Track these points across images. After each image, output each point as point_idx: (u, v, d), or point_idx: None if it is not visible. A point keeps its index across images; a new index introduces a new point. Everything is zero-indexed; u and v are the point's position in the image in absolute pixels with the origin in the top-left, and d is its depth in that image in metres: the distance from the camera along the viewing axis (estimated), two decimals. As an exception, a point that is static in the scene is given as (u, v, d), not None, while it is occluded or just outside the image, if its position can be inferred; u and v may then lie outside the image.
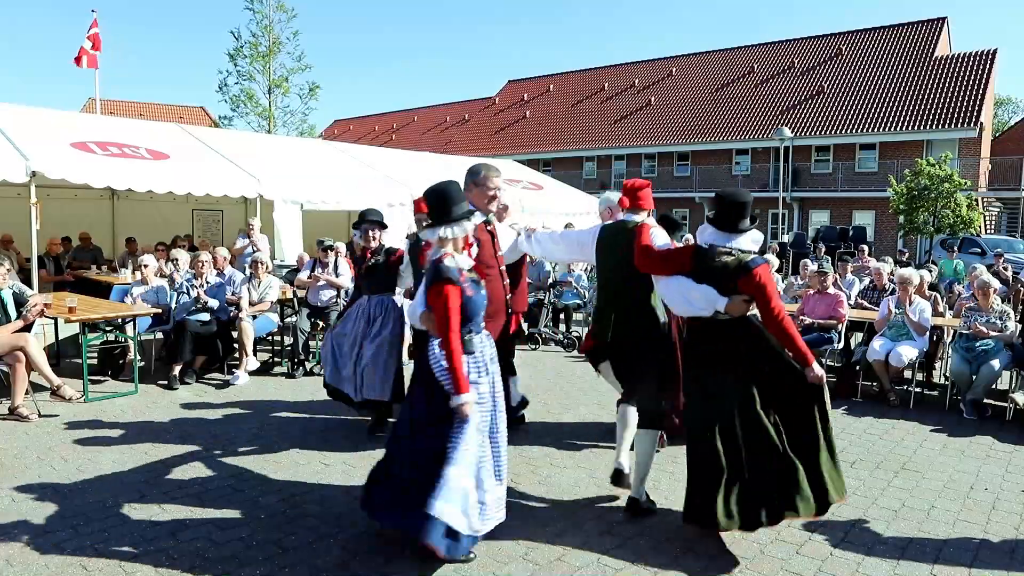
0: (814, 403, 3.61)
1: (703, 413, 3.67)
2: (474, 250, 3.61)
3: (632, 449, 4.12)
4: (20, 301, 6.08)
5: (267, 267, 7.87)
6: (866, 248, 14.38)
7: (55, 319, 7.22)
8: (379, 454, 3.76)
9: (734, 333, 3.68)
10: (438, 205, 3.42)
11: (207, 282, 7.46)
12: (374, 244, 5.63)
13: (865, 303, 8.43)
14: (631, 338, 4.09)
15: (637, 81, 37.61)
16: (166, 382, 6.94)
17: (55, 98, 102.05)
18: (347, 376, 5.44)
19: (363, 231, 5.67)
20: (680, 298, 3.76)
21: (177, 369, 6.96)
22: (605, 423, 5.78)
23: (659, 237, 4.07)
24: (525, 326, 9.04)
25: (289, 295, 8.28)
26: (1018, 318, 6.94)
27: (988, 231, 26.18)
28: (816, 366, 3.57)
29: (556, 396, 6.86)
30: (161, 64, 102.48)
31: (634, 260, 3.96)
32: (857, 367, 7.17)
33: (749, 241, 3.76)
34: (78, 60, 16.10)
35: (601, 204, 4.71)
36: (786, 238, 22.78)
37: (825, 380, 3.63)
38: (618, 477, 4.16)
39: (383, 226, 5.73)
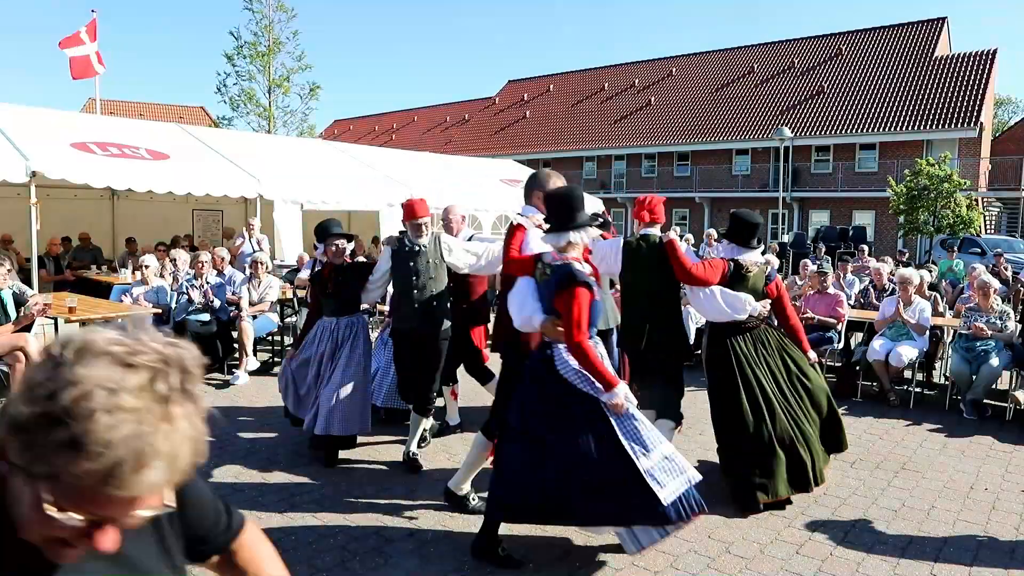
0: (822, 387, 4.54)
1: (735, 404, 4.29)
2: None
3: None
4: (20, 301, 6.07)
5: (267, 267, 7.86)
6: (866, 248, 14.38)
7: (55, 319, 7.21)
8: (378, 453, 3.75)
9: (759, 333, 4.48)
10: (564, 210, 3.29)
11: (207, 282, 7.46)
12: (338, 260, 4.94)
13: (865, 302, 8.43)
14: (667, 348, 4.33)
15: (637, 81, 37.61)
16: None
17: (55, 98, 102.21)
18: (311, 406, 4.93)
19: (327, 246, 4.93)
20: (719, 305, 4.28)
21: None
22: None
23: (687, 250, 4.38)
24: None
25: (289, 295, 8.28)
26: (1018, 318, 6.94)
27: (988, 231, 26.18)
28: (812, 354, 4.61)
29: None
30: (161, 64, 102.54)
31: (676, 275, 4.22)
32: (857, 367, 7.17)
33: (758, 254, 4.48)
34: (84, 71, 15.43)
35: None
36: (786, 238, 22.77)
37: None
38: None
39: (350, 238, 5.10)
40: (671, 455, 3.29)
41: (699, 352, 8.47)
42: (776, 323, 4.71)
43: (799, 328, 4.62)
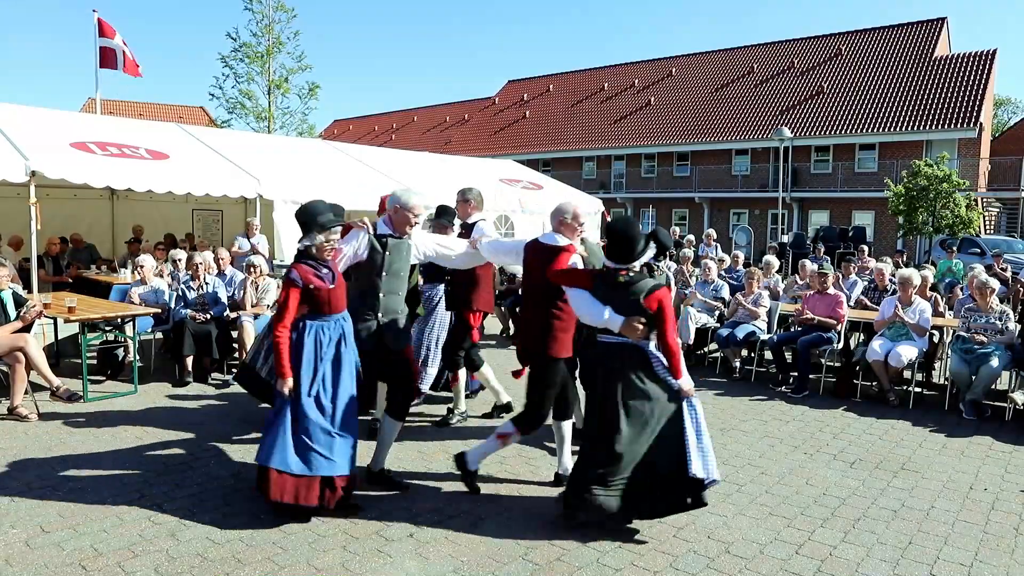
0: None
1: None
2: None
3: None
4: (19, 302, 6.09)
5: (261, 270, 7.78)
6: (866, 248, 14.36)
7: (55, 319, 7.21)
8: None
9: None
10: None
11: (205, 283, 7.45)
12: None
13: (867, 301, 8.44)
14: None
15: (637, 81, 37.61)
16: (171, 382, 6.98)
17: (55, 98, 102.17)
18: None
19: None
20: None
21: (189, 363, 6.98)
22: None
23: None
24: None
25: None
26: (1017, 318, 6.94)
27: (988, 231, 26.19)
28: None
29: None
30: (161, 64, 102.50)
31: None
32: (857, 367, 7.18)
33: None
34: (110, 63, 15.33)
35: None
36: (786, 238, 22.74)
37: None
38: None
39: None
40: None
41: (700, 352, 8.52)
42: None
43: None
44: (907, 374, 6.95)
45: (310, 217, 3.97)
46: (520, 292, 5.70)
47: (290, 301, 3.90)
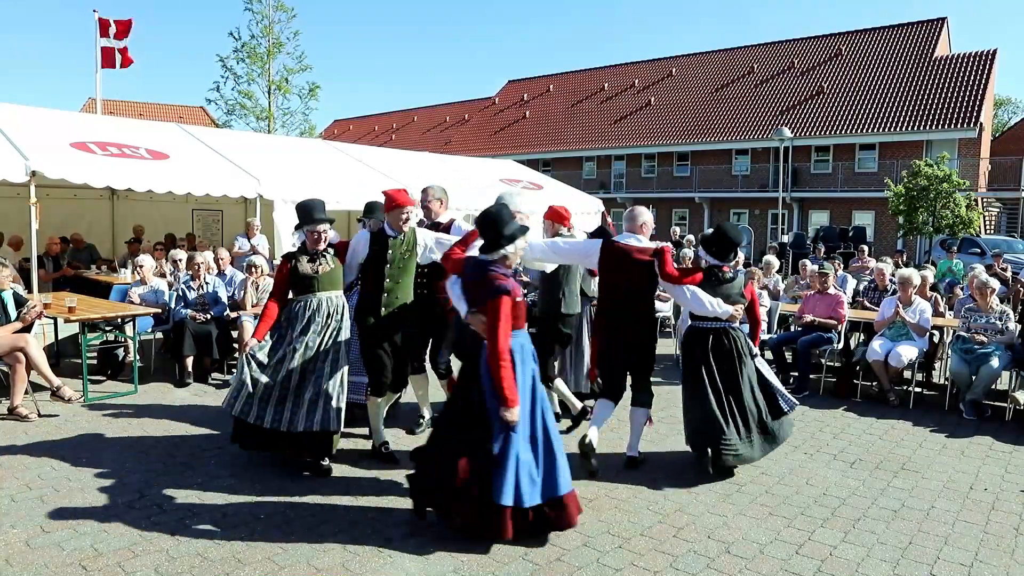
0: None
1: None
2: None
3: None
4: (20, 302, 6.09)
5: (261, 271, 7.78)
6: (866, 248, 14.37)
7: (55, 319, 7.21)
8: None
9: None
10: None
11: (205, 283, 7.45)
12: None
13: (866, 302, 8.44)
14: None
15: (637, 81, 37.60)
16: (171, 382, 6.98)
17: (55, 98, 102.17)
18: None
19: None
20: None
21: (190, 363, 6.98)
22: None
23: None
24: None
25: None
26: (1017, 318, 6.94)
27: (988, 231, 26.18)
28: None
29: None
30: (161, 64, 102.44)
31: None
32: (857, 367, 7.18)
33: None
34: (109, 62, 15.52)
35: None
36: (786, 238, 22.74)
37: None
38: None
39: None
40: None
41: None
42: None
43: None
44: (907, 374, 6.95)
45: (500, 224, 3.77)
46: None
47: (503, 315, 3.55)
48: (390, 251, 4.62)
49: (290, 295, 4.66)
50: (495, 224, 3.78)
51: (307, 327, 4.52)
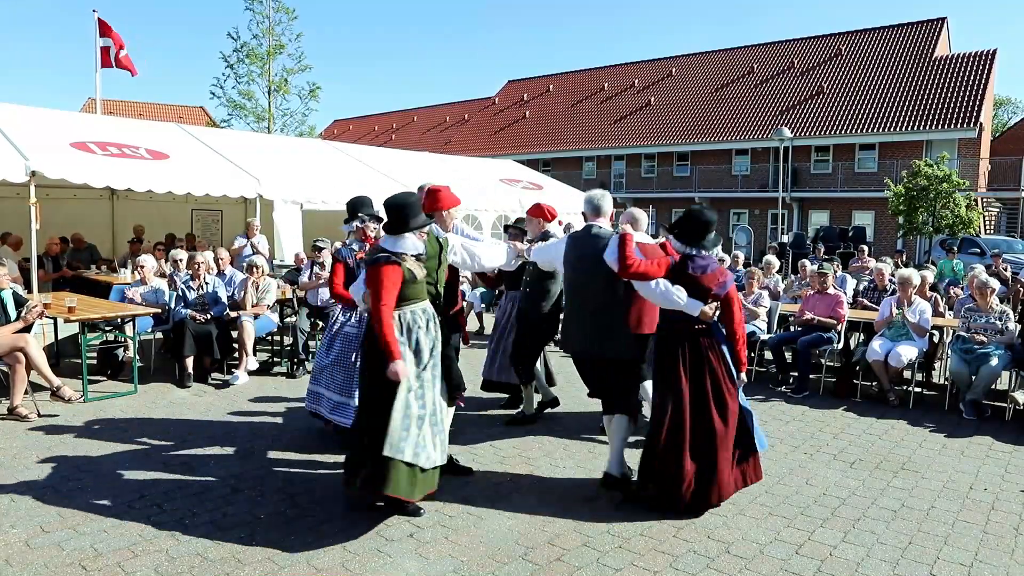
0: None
1: None
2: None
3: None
4: (20, 301, 6.09)
5: (262, 271, 7.79)
6: (866, 248, 14.38)
7: (55, 319, 7.22)
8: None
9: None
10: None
11: (205, 283, 7.45)
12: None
13: (866, 301, 8.44)
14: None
15: (637, 81, 37.61)
16: (171, 382, 6.98)
17: (55, 98, 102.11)
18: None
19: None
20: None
21: (190, 363, 6.98)
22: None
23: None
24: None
25: (289, 295, 8.28)
26: (1017, 318, 6.94)
27: (988, 231, 26.19)
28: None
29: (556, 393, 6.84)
30: (161, 64, 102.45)
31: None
32: (857, 367, 7.18)
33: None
34: (106, 62, 15.55)
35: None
36: (786, 238, 22.74)
37: None
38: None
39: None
40: None
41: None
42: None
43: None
44: (907, 374, 6.95)
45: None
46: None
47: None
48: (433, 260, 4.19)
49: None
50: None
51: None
